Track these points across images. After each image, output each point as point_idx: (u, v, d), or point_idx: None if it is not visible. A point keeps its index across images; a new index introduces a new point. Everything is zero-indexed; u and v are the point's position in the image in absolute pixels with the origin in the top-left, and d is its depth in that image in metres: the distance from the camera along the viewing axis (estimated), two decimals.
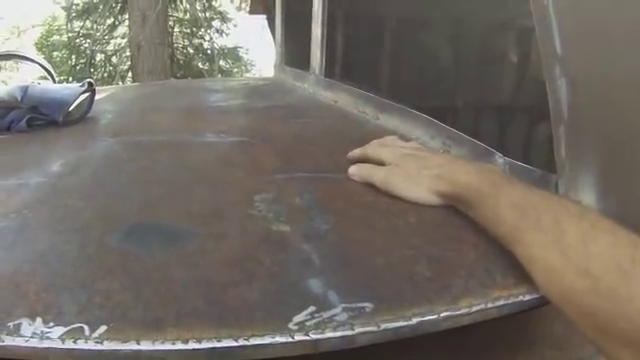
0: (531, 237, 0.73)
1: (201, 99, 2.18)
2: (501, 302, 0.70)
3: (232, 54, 12.72)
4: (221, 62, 12.23)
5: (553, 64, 0.96)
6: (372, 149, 1.07)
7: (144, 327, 0.58)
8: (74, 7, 11.21)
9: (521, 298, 0.71)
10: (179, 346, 0.56)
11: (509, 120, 3.45)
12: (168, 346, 0.56)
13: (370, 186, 0.99)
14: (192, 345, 0.56)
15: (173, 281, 0.66)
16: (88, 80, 1.62)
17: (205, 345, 0.56)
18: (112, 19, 11.29)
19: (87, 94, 1.58)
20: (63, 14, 11.82)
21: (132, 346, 0.55)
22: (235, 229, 0.80)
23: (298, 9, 2.34)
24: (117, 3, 10.95)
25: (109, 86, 6.73)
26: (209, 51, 11.78)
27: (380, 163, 1.02)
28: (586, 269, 0.66)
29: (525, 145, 2.99)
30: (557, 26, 0.95)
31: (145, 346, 0.55)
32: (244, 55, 13.22)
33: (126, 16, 10.52)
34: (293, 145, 1.31)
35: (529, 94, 2.97)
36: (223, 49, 12.33)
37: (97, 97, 1.71)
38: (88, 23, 11.11)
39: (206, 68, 11.67)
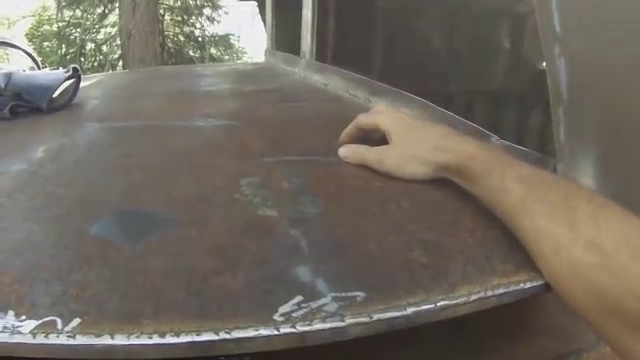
0: (539, 209, 0.72)
1: (189, 84, 2.16)
2: (501, 290, 0.67)
3: (223, 41, 12.77)
4: (212, 50, 12.28)
5: (552, 44, 0.95)
6: (365, 117, 1.04)
7: (120, 320, 0.55)
8: None
9: (522, 286, 0.69)
10: (156, 340, 0.52)
11: (504, 104, 3.45)
12: (144, 340, 0.52)
13: (362, 169, 0.97)
14: (170, 339, 0.52)
15: (152, 271, 0.63)
16: (73, 66, 1.59)
17: (184, 339, 0.53)
18: (102, 8, 11.29)
19: (72, 80, 1.55)
20: (53, 4, 11.83)
21: (106, 340, 0.52)
22: (219, 215, 0.77)
23: None
24: None
25: (96, 74, 6.71)
26: (200, 39, 11.80)
27: (375, 132, 1.00)
28: (597, 244, 0.65)
29: (521, 129, 2.99)
30: (557, 5, 0.94)
31: (120, 340, 0.52)
32: (235, 42, 13.28)
33: (116, 4, 10.55)
34: (282, 129, 1.29)
35: (524, 79, 2.97)
36: (214, 37, 12.38)
37: (84, 84, 1.69)
38: (78, 12, 11.12)
39: (197, 56, 11.72)
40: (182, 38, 12.27)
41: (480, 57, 3.64)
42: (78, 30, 11.04)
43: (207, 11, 12.34)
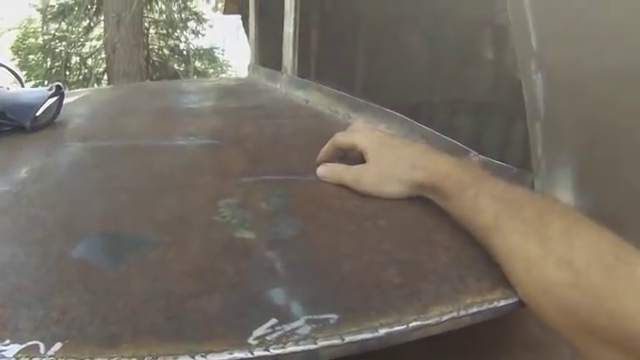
0: (512, 226, 0.72)
1: (173, 101, 2.17)
2: (474, 309, 0.68)
3: (208, 55, 12.76)
4: (197, 63, 12.26)
5: (529, 60, 0.96)
6: (343, 136, 1.05)
7: (100, 344, 0.56)
8: (49, 9, 11.18)
9: (495, 304, 0.70)
10: None
11: (485, 118, 3.46)
12: None
13: (340, 188, 0.98)
14: None
15: (132, 294, 0.64)
16: (56, 84, 1.59)
17: None
18: (87, 21, 11.27)
19: (55, 98, 1.56)
20: (39, 17, 11.79)
21: None
22: (198, 237, 0.78)
23: (271, 9, 2.34)
24: (92, 5, 10.94)
25: (82, 89, 6.66)
26: (185, 52, 11.77)
27: (352, 150, 1.01)
28: (568, 261, 0.65)
29: (501, 143, 3.00)
30: (533, 21, 0.95)
31: None
32: (220, 56, 13.28)
33: (101, 18, 10.50)
34: (262, 147, 1.30)
35: (505, 92, 2.99)
36: (199, 50, 12.35)
37: (69, 100, 1.70)
38: (64, 25, 11.08)
39: (182, 69, 11.68)
40: (167, 52, 12.25)
41: (465, 69, 3.65)
42: (63, 43, 11.01)
43: (192, 24, 12.33)
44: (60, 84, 1.60)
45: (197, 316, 0.60)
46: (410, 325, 0.63)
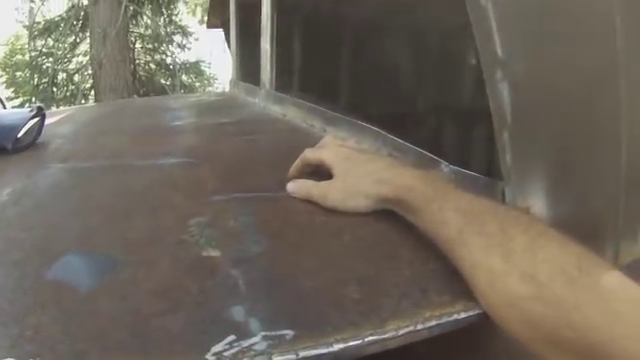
0: (476, 241, 0.73)
1: (152, 119, 2.19)
2: (433, 322, 0.70)
3: (194, 68, 12.69)
4: (184, 77, 12.23)
5: (494, 68, 0.96)
6: (311, 153, 1.07)
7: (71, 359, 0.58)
8: (35, 26, 11.16)
9: (455, 317, 0.71)
10: None
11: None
12: None
13: (309, 203, 1.00)
14: None
15: (101, 313, 0.66)
16: (37, 105, 1.61)
17: None
18: (73, 37, 11.24)
19: (36, 119, 1.57)
20: (26, 33, 11.77)
21: None
22: (167, 256, 0.80)
23: (252, 24, 2.35)
24: (78, 20, 10.90)
25: (65, 107, 6.62)
26: (171, 66, 11.74)
27: (321, 166, 1.03)
28: (531, 275, 0.66)
29: (472, 152, 3.02)
30: (498, 29, 0.96)
31: None
32: (206, 69, 13.22)
33: (87, 34, 10.46)
34: (236, 164, 1.32)
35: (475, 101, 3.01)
36: (185, 64, 12.29)
37: (52, 120, 1.72)
38: (50, 41, 11.06)
39: (169, 84, 11.62)
40: (153, 66, 12.18)
41: (446, 78, 3.69)
42: (50, 60, 10.99)
43: (177, 38, 12.29)
44: (41, 105, 1.61)
45: (161, 334, 0.62)
46: (366, 340, 0.64)
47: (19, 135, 1.50)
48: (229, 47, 3.29)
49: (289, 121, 1.85)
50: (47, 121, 1.64)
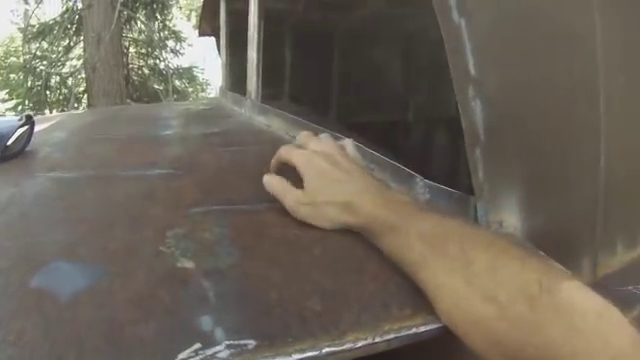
0: (438, 264, 0.75)
1: (139, 128, 2.21)
2: (391, 335, 0.72)
3: (187, 74, 12.66)
4: (177, 82, 12.20)
5: (466, 86, 0.97)
6: (285, 151, 1.09)
7: None
8: (30, 29, 11.15)
9: (415, 330, 0.74)
10: None
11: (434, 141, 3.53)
12: None
13: (283, 216, 1.02)
14: None
15: (79, 321, 0.70)
16: (26, 114, 1.63)
17: None
18: (67, 41, 11.22)
19: (26, 127, 1.59)
20: (21, 35, 11.75)
21: None
22: (143, 267, 0.83)
23: (241, 33, 2.37)
24: (72, 24, 10.88)
25: (55, 114, 6.59)
26: (164, 71, 11.73)
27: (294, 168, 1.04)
28: (493, 296, 0.68)
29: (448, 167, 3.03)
30: (471, 48, 0.97)
31: None
32: (200, 74, 13.22)
33: (81, 37, 10.47)
34: (217, 176, 1.34)
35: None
36: (178, 69, 12.27)
37: (43, 126, 1.77)
38: (44, 44, 11.04)
39: (162, 89, 11.60)
40: (147, 71, 12.18)
41: (427, 93, 3.73)
42: (44, 63, 10.97)
43: (171, 43, 12.27)
44: (30, 114, 1.63)
45: (133, 341, 0.66)
46: (323, 351, 0.68)
47: (8, 143, 1.52)
48: (220, 55, 3.31)
49: (273, 132, 1.89)
50: (38, 127, 1.66)
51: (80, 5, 10.18)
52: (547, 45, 1.11)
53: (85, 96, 10.59)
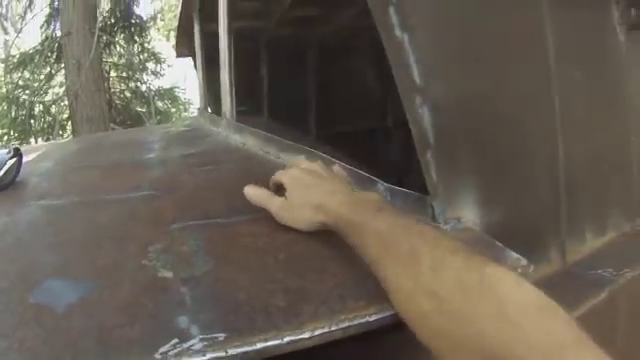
0: (390, 263, 0.81)
1: (121, 154, 2.28)
2: (346, 324, 0.80)
3: (169, 95, 12.65)
4: (159, 103, 12.18)
5: (413, 95, 1.05)
6: (277, 173, 1.18)
7: None
8: (11, 59, 11.16)
9: (367, 319, 0.81)
10: None
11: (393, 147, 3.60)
12: None
13: (254, 227, 1.12)
14: None
15: (73, 328, 0.79)
16: (14, 146, 1.69)
17: None
18: (48, 69, 11.22)
19: (14, 159, 1.66)
20: (2, 66, 11.73)
21: None
22: (128, 279, 0.92)
23: (216, 54, 2.43)
24: (52, 52, 10.88)
25: (41, 143, 6.58)
26: (146, 93, 11.75)
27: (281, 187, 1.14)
28: (434, 292, 0.72)
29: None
30: (415, 60, 1.05)
31: None
32: (181, 94, 13.19)
33: (62, 65, 10.44)
34: (194, 194, 1.42)
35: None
36: (160, 90, 12.27)
37: (29, 157, 1.85)
38: (26, 74, 11.03)
39: (144, 111, 11.60)
40: (129, 94, 12.17)
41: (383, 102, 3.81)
42: (27, 92, 10.95)
43: (151, 65, 12.28)
44: (18, 147, 1.71)
45: (121, 341, 0.75)
46: (284, 340, 0.76)
47: None
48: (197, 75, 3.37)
49: (248, 149, 1.97)
50: (25, 158, 1.73)
51: (59, 33, 10.18)
52: (495, 50, 1.20)
53: (69, 123, 10.59)
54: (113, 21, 11.52)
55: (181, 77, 12.98)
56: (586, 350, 0.61)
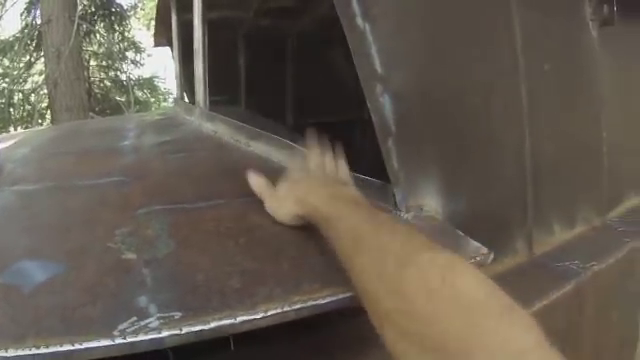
0: (358, 262, 0.81)
1: (96, 141, 2.31)
2: (298, 305, 0.83)
3: (148, 84, 12.65)
4: (138, 93, 12.17)
5: (374, 84, 1.07)
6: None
7: (13, 340, 0.75)
8: None
9: (320, 301, 0.84)
10: (34, 351, 0.73)
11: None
12: (26, 352, 0.73)
13: (218, 213, 1.15)
14: (41, 350, 0.73)
15: (39, 307, 0.82)
16: None
17: (51, 349, 0.73)
18: (28, 57, 11.18)
19: None
20: None
21: (2, 353, 0.73)
22: (94, 261, 0.95)
23: (192, 44, 2.44)
24: (32, 40, 10.83)
25: (19, 131, 6.54)
26: (125, 83, 11.73)
27: None
28: (398, 291, 0.72)
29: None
30: (377, 49, 1.07)
31: (10, 353, 0.73)
32: (160, 84, 13.20)
33: (42, 53, 10.36)
34: (163, 180, 1.45)
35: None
36: (139, 80, 12.27)
37: (7, 144, 1.90)
38: (6, 61, 10.96)
39: (124, 100, 11.59)
40: (108, 83, 12.17)
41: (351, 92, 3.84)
42: (6, 80, 10.89)
43: (131, 54, 12.28)
44: None
45: (83, 320, 0.79)
46: (237, 319, 0.79)
47: None
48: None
49: (219, 138, 2.00)
50: (2, 145, 1.76)
51: (39, 20, 10.11)
52: (459, 40, 1.23)
53: (48, 112, 10.52)
54: (93, 9, 11.48)
55: (161, 67, 12.89)
56: (546, 356, 0.62)
